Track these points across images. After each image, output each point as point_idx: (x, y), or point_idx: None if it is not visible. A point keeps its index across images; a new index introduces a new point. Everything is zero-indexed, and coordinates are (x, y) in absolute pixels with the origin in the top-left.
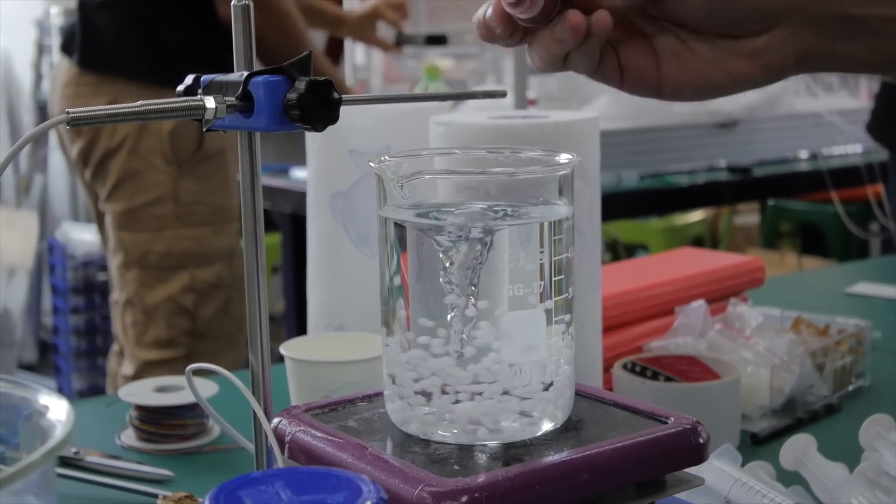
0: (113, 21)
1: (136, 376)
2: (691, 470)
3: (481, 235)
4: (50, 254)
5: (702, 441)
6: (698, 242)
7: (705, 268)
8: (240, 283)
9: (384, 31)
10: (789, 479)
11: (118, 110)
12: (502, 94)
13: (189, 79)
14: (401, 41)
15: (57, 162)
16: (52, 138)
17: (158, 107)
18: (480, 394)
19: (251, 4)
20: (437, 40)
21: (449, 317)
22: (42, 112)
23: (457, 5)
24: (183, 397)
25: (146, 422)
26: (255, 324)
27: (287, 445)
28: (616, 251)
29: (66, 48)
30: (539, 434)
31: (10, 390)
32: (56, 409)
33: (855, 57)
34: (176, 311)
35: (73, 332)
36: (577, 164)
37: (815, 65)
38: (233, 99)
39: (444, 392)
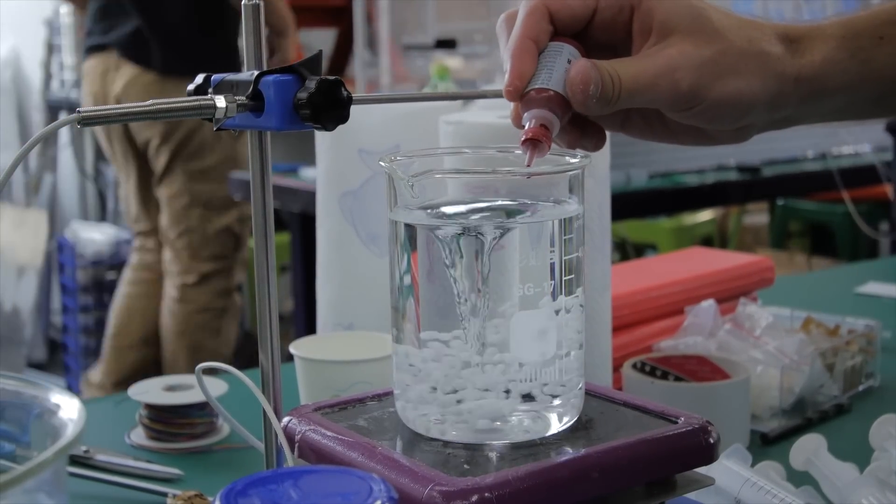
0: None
1: (196, 284)
2: (701, 470)
3: (494, 235)
4: (59, 253)
5: (712, 441)
6: (707, 242)
7: (715, 267)
8: None
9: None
10: (799, 479)
11: (129, 109)
12: None
13: (199, 78)
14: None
15: (66, 161)
16: (63, 137)
17: (169, 106)
18: (490, 393)
19: (261, 4)
20: (446, 44)
21: (459, 316)
22: (52, 111)
23: (466, 6)
24: (193, 396)
25: (156, 420)
26: (265, 322)
27: (297, 444)
28: (625, 251)
29: (134, 56)
30: (549, 434)
31: (21, 388)
32: (67, 407)
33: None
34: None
35: (82, 331)
36: (588, 163)
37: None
38: (243, 98)
39: (454, 391)
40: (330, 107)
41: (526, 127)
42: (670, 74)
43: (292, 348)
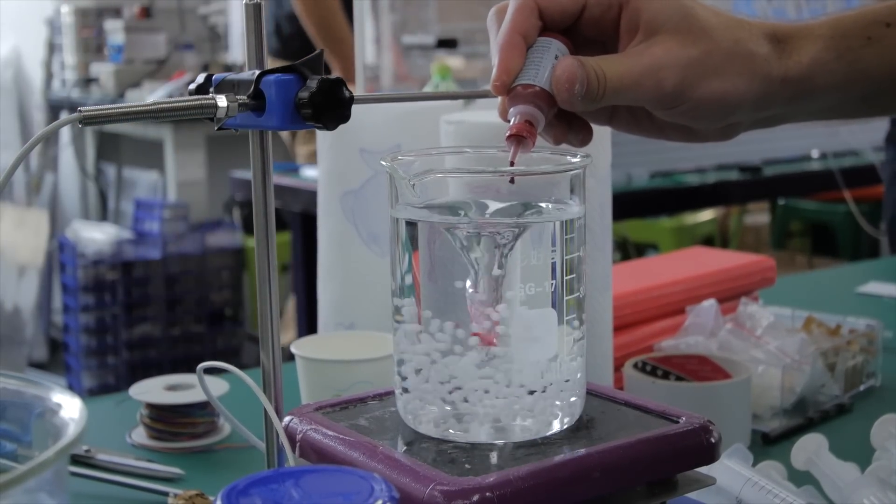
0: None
1: None
2: (702, 469)
3: (496, 234)
4: (60, 252)
5: (713, 441)
6: (708, 242)
7: (716, 267)
8: None
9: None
10: (801, 478)
11: (130, 109)
12: None
13: (201, 77)
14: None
15: (68, 161)
16: (64, 137)
17: (171, 105)
18: (492, 392)
19: (262, 4)
20: (447, 44)
21: (460, 316)
22: (53, 111)
23: (467, 6)
24: (194, 395)
25: (157, 420)
26: (266, 322)
27: (298, 444)
28: (626, 250)
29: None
30: (550, 433)
31: (22, 388)
32: (68, 407)
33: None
34: None
35: (83, 331)
36: (589, 162)
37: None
38: (244, 97)
39: (455, 391)
40: (331, 106)
41: (511, 122)
42: (655, 73)
43: (293, 348)
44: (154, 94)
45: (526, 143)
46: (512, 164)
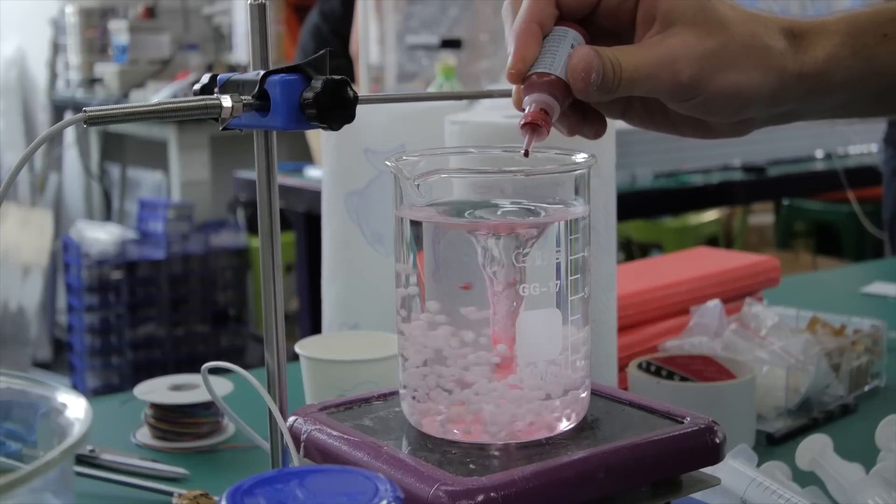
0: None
1: None
2: (707, 470)
3: (500, 234)
4: (65, 252)
5: (718, 441)
6: (712, 242)
7: (720, 267)
8: None
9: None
10: (805, 479)
11: (135, 109)
12: None
13: (205, 77)
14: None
15: (72, 161)
16: (68, 137)
17: (175, 105)
18: (496, 393)
19: (266, 4)
20: (451, 44)
21: (464, 316)
22: (57, 111)
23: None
24: (198, 395)
25: (161, 420)
26: (270, 322)
27: (302, 444)
28: (630, 250)
29: None
30: (555, 433)
31: (27, 388)
32: (73, 406)
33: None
34: None
35: (87, 331)
36: (594, 163)
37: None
38: (249, 98)
39: (459, 391)
40: (336, 106)
41: (526, 111)
42: (671, 65)
43: (298, 348)
44: (158, 95)
45: (541, 132)
46: (526, 152)
